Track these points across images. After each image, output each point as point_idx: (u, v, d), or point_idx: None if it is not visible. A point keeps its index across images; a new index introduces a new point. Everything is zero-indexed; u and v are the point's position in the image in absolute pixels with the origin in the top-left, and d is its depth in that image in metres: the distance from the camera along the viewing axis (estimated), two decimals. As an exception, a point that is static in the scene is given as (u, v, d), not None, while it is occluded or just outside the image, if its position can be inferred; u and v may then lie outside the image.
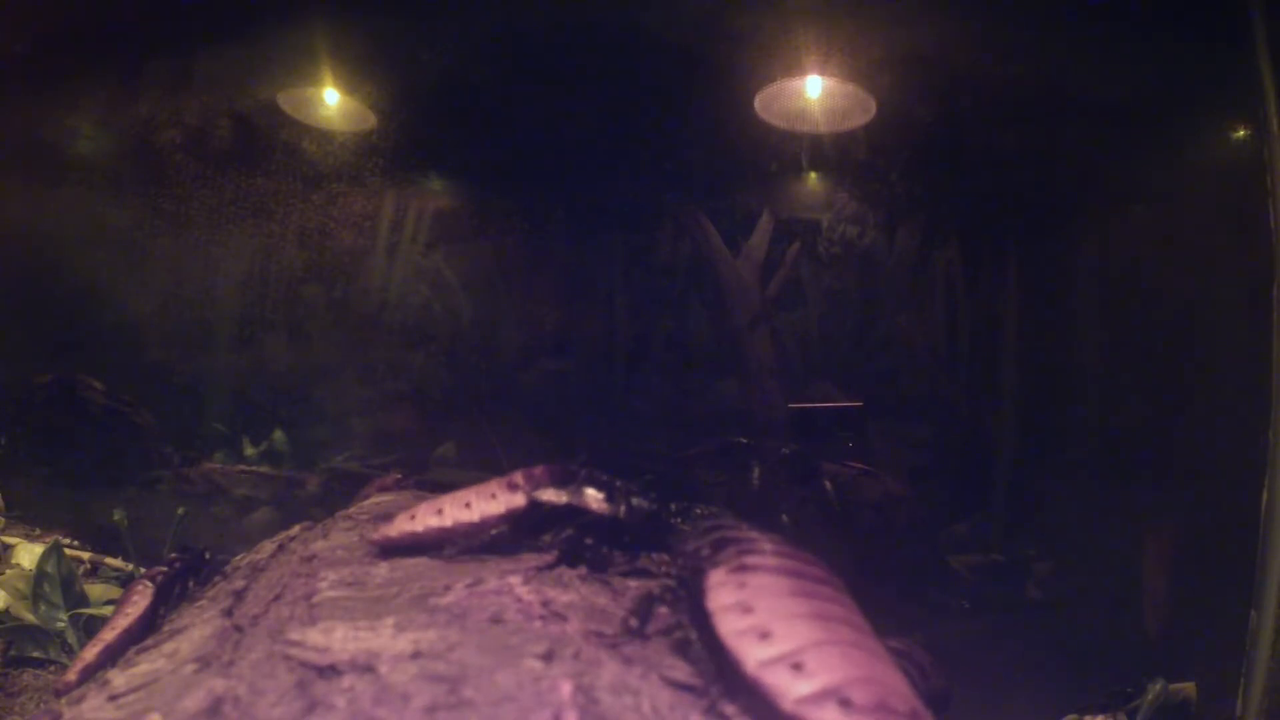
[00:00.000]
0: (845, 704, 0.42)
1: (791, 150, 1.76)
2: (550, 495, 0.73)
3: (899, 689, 0.45)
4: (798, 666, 0.44)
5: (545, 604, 0.61)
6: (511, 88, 1.82)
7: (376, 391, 1.91)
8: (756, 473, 1.62)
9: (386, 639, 0.54)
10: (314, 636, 0.55)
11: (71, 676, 0.87)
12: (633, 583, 0.72)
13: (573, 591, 0.65)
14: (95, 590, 1.35)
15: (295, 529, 1.06)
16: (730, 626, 0.47)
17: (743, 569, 0.50)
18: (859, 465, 1.67)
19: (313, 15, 1.72)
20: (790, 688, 0.43)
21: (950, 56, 1.58)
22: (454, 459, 1.84)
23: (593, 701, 0.46)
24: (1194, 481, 1.41)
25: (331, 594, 0.68)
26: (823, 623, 0.47)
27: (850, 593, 0.52)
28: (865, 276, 1.81)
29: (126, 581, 1.36)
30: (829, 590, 0.51)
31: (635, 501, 0.72)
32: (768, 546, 0.52)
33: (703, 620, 0.49)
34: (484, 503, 0.75)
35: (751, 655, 0.45)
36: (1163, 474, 1.49)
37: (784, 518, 1.62)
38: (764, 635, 0.46)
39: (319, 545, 0.88)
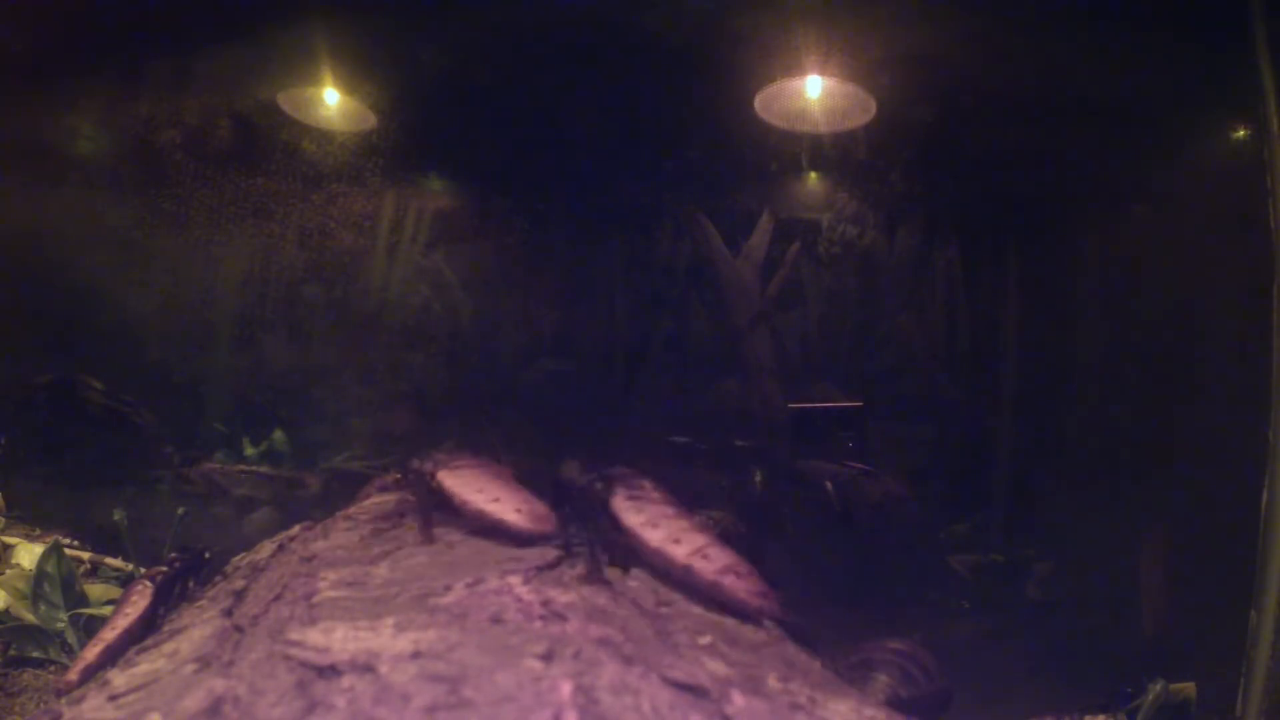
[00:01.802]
0: (736, 574, 0.69)
1: (791, 150, 1.76)
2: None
3: (749, 564, 0.71)
4: (705, 556, 0.71)
5: (545, 604, 0.61)
6: (511, 88, 1.82)
7: (376, 391, 1.91)
8: (759, 477, 1.63)
9: (386, 639, 0.54)
10: (314, 636, 0.55)
11: (73, 677, 0.87)
12: (633, 583, 0.72)
13: (573, 591, 0.65)
14: (95, 590, 1.34)
15: (295, 529, 1.06)
16: (651, 536, 0.73)
17: (634, 498, 0.76)
18: (859, 465, 1.67)
19: (313, 15, 1.72)
20: (707, 569, 0.70)
21: (950, 56, 1.57)
22: (454, 459, 1.83)
23: (593, 701, 0.46)
24: (1194, 481, 1.41)
25: (331, 594, 0.68)
26: (699, 530, 0.74)
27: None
28: (865, 276, 1.81)
29: (126, 581, 1.36)
30: (681, 507, 0.77)
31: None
32: (646, 481, 0.79)
33: (623, 531, 0.74)
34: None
35: (678, 554, 0.71)
36: (1163, 474, 1.49)
37: (785, 523, 1.62)
38: (675, 541, 0.72)
39: (319, 545, 0.88)
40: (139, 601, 0.95)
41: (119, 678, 0.61)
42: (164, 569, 1.01)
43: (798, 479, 1.68)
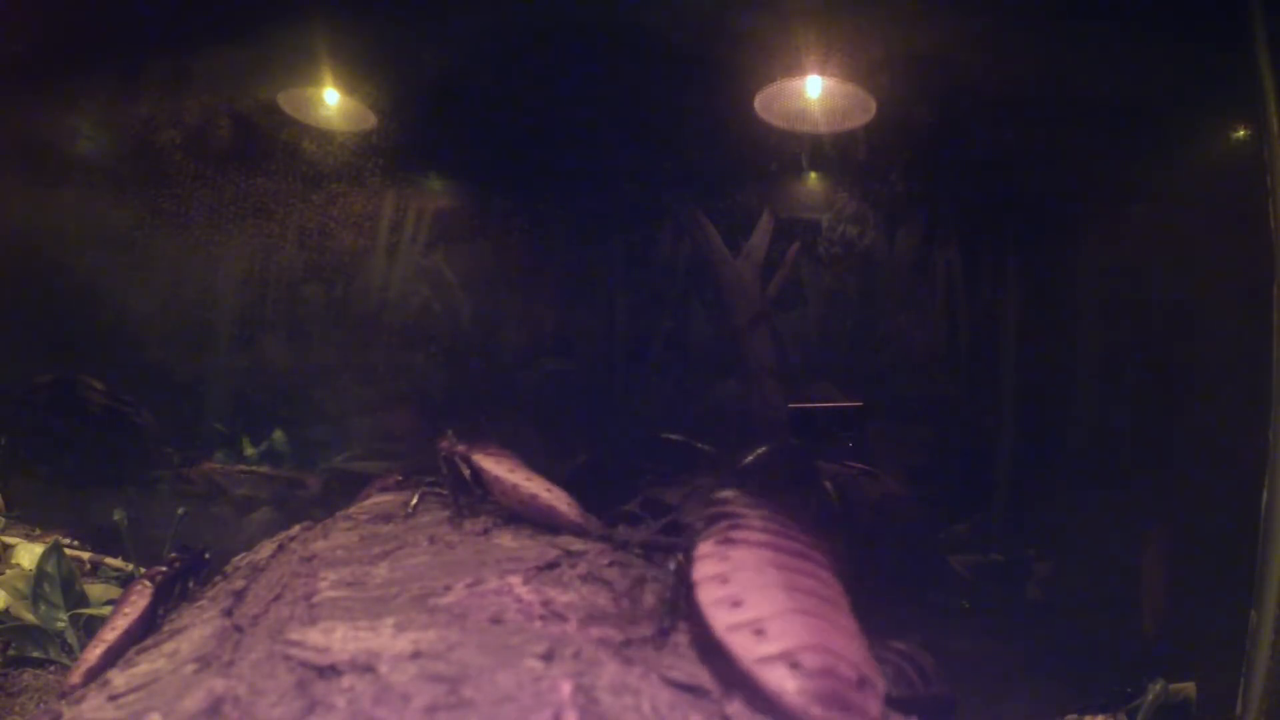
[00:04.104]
0: (795, 666, 0.47)
1: (791, 150, 1.75)
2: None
3: (849, 657, 0.49)
4: (760, 632, 0.49)
5: (545, 604, 0.61)
6: (511, 88, 1.82)
7: (376, 391, 1.91)
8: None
9: (386, 639, 0.54)
10: (314, 636, 0.55)
11: (76, 680, 0.86)
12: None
13: (573, 591, 0.65)
14: (95, 590, 1.34)
15: (295, 529, 1.06)
16: (708, 596, 0.53)
17: (728, 542, 0.56)
18: (859, 465, 1.67)
19: (313, 15, 1.72)
20: (750, 649, 0.49)
21: (950, 56, 1.57)
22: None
23: (593, 701, 0.46)
24: (1194, 481, 1.41)
25: (331, 594, 0.68)
26: (790, 593, 0.51)
27: (831, 565, 0.57)
28: (865, 276, 1.81)
29: (126, 581, 1.36)
30: (807, 564, 0.55)
31: None
32: (756, 522, 0.57)
33: (688, 588, 0.55)
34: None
35: (721, 621, 0.51)
36: (1162, 474, 1.49)
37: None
38: (735, 604, 0.51)
39: (319, 545, 0.88)
40: (139, 601, 0.95)
41: (119, 678, 0.61)
42: (164, 569, 1.01)
43: (797, 479, 1.68)
